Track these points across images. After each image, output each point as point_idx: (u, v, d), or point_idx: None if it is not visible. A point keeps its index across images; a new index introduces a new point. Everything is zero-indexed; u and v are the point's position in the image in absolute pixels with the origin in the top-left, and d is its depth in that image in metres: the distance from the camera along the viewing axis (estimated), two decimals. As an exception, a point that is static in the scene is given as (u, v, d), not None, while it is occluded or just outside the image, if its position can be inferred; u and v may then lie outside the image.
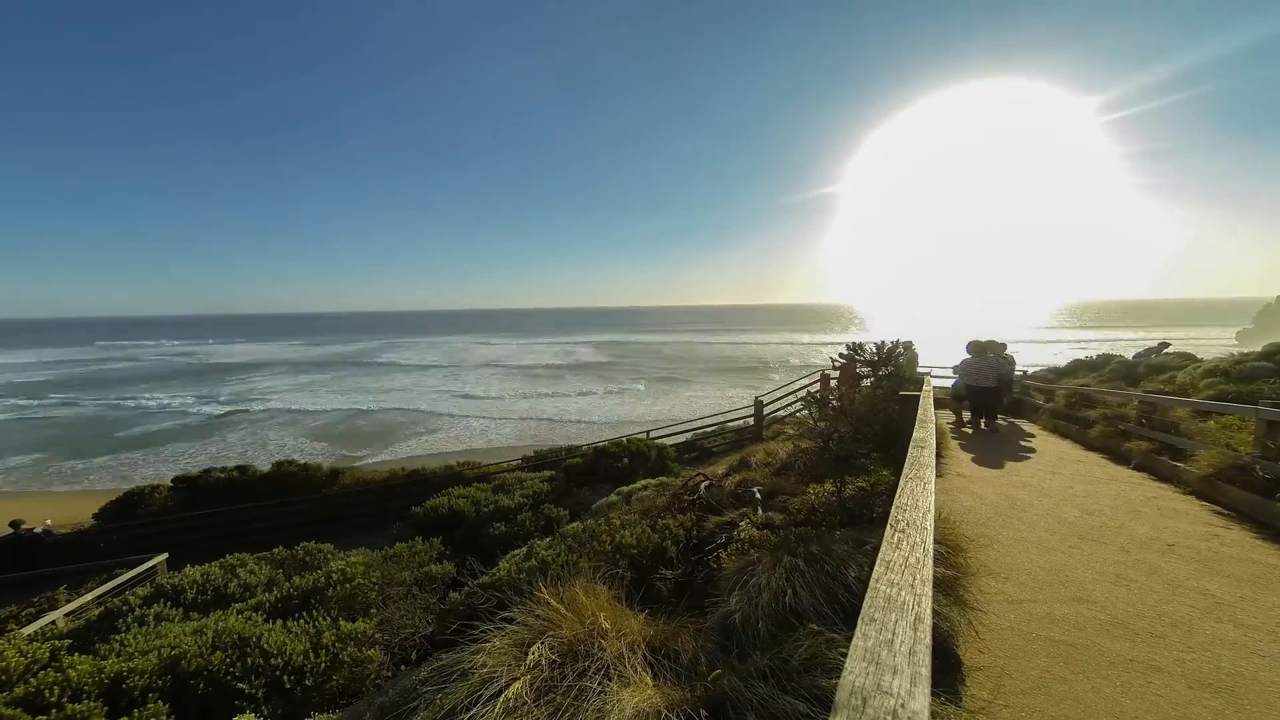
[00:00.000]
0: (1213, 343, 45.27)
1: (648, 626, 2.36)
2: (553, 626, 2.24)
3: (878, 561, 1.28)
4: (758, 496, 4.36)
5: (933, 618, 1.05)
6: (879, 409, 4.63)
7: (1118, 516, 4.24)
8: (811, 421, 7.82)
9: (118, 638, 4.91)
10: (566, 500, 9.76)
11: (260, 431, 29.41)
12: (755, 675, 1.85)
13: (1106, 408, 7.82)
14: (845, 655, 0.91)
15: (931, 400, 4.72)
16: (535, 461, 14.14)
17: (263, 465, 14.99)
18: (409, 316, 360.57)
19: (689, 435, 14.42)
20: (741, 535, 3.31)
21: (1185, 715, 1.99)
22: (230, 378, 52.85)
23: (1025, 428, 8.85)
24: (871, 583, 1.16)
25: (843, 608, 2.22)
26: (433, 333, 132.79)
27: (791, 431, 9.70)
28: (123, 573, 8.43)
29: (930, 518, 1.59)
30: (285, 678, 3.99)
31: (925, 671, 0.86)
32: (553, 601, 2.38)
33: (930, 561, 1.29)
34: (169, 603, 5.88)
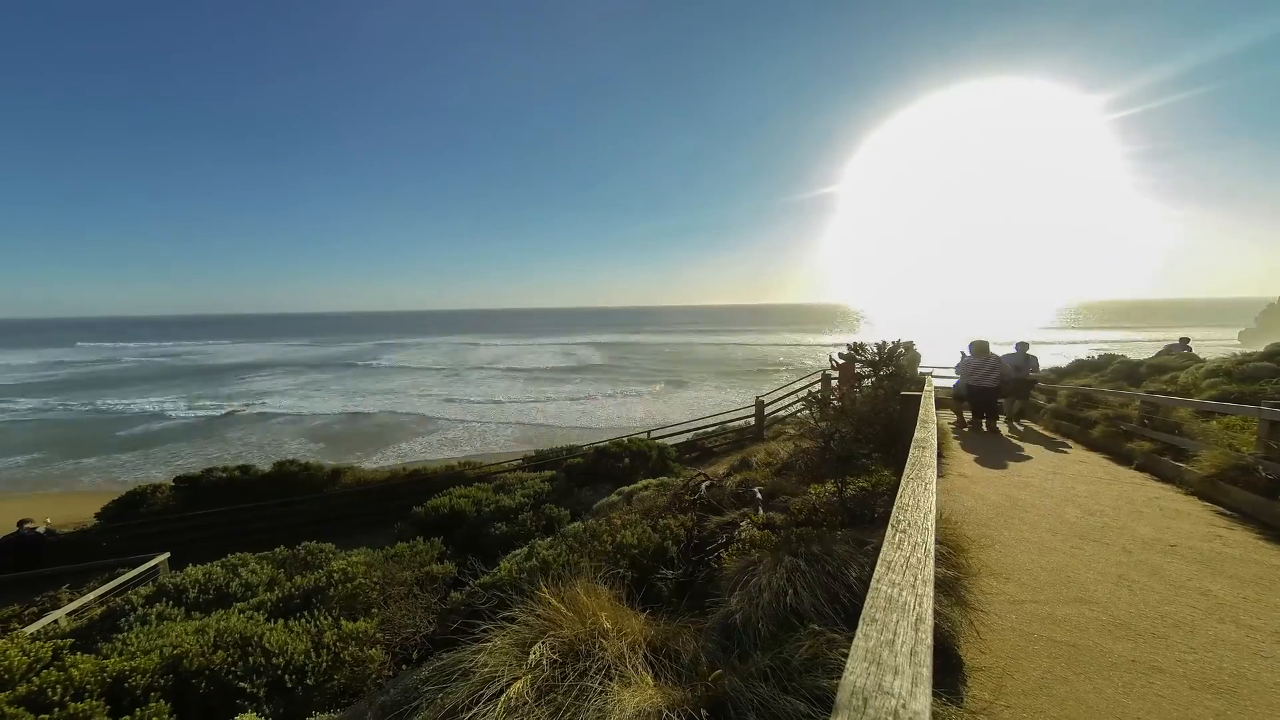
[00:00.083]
0: (1215, 343, 45.14)
1: (649, 626, 2.36)
2: (554, 626, 2.24)
3: (879, 562, 1.28)
4: (759, 496, 4.35)
5: (934, 618, 1.05)
6: (880, 409, 4.63)
7: (1120, 517, 4.23)
8: (813, 421, 7.82)
9: (120, 637, 4.92)
10: (567, 500, 9.76)
11: (249, 437, 28.98)
12: (756, 675, 1.85)
13: (1109, 408, 7.81)
14: (846, 655, 0.91)
15: (933, 400, 4.71)
16: (536, 461, 14.14)
17: (264, 465, 15.02)
18: (409, 316, 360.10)
19: (690, 435, 14.41)
20: (742, 535, 3.31)
21: (1187, 716, 1.98)
22: (227, 378, 52.31)
23: (1028, 428, 8.84)
24: (873, 583, 1.16)
25: (844, 608, 2.22)
26: (433, 333, 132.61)
27: (792, 431, 9.69)
28: (125, 572, 8.45)
29: (932, 518, 1.58)
30: (287, 677, 3.99)
31: (926, 672, 0.86)
32: (554, 601, 2.38)
33: (931, 562, 1.28)
34: (171, 602, 5.89)
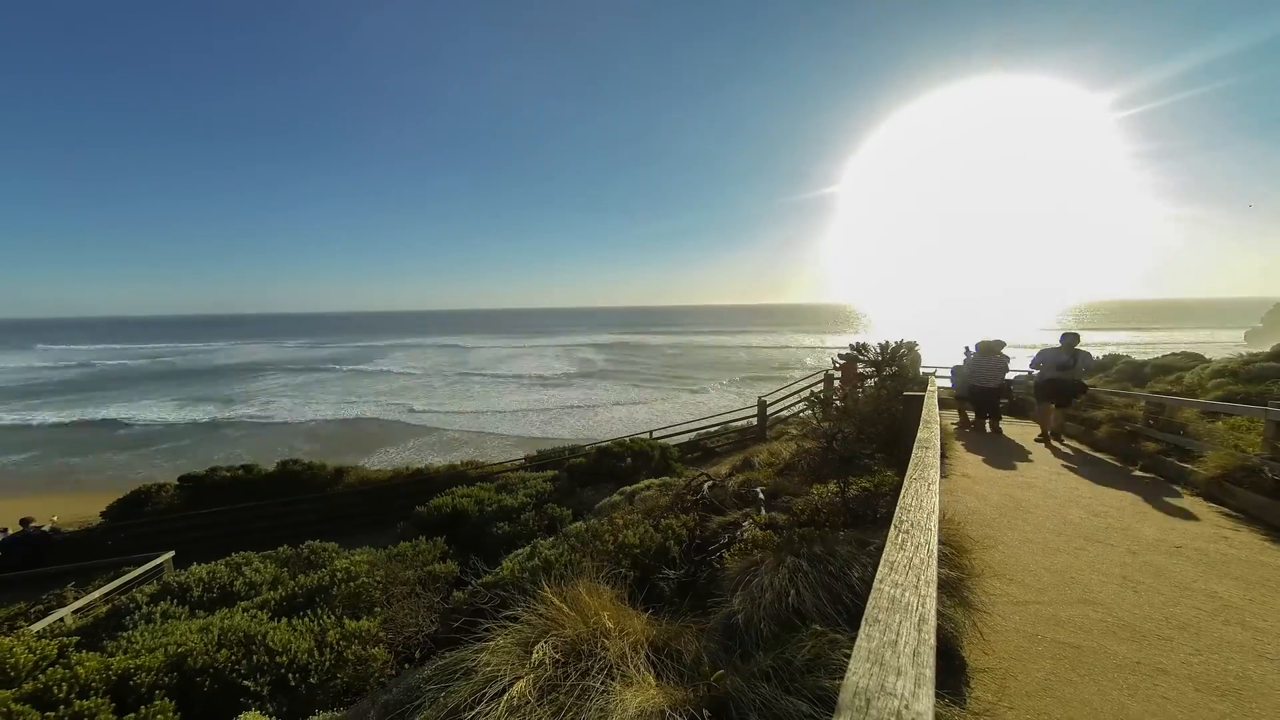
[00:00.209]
0: (1221, 343, 44.92)
1: (651, 626, 2.36)
2: (556, 626, 2.24)
3: (881, 562, 1.27)
4: (761, 497, 4.35)
5: (937, 619, 1.05)
6: (883, 409, 4.61)
7: (1124, 518, 4.21)
8: (815, 422, 7.80)
9: (125, 635, 4.95)
10: (569, 500, 9.76)
11: (233, 445, 27.83)
12: (758, 675, 1.85)
13: (1113, 408, 7.77)
14: (849, 656, 0.91)
15: (936, 401, 4.70)
16: (538, 461, 14.16)
17: (267, 465, 15.08)
18: (409, 316, 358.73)
19: (692, 435, 14.40)
20: (745, 535, 3.31)
21: (1192, 719, 1.97)
22: (196, 384, 50.24)
23: (1031, 429, 8.81)
24: (875, 583, 1.15)
25: (846, 609, 2.22)
26: (433, 333, 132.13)
27: (795, 432, 9.68)
28: (129, 570, 8.50)
29: (934, 519, 1.58)
30: (290, 675, 4.01)
31: (929, 673, 0.86)
32: (556, 601, 2.38)
33: (934, 562, 1.28)
34: (175, 600, 5.93)
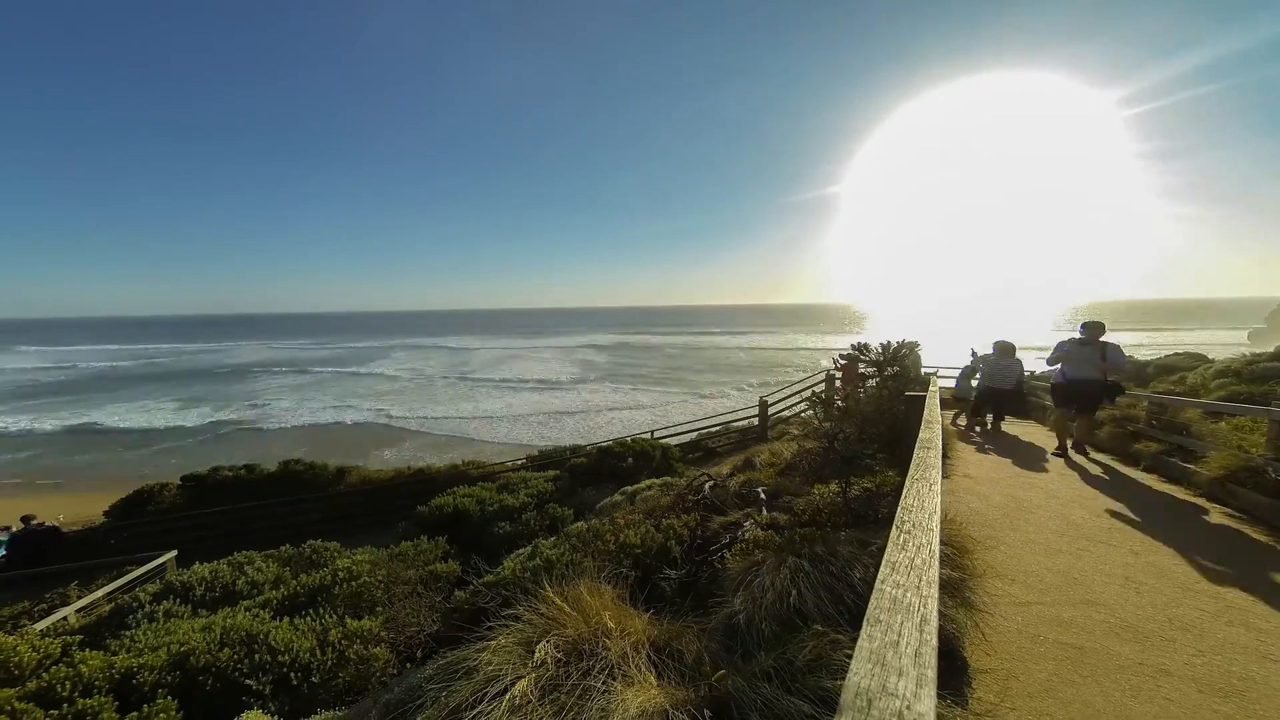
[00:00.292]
0: (1224, 343, 44.73)
1: (652, 626, 2.36)
2: (557, 625, 2.24)
3: (883, 563, 1.27)
4: (762, 497, 4.35)
5: (939, 620, 1.04)
6: (884, 409, 4.61)
7: (1127, 519, 4.19)
8: (816, 422, 7.80)
9: (128, 634, 4.97)
10: (571, 500, 9.77)
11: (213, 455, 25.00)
12: (760, 676, 1.85)
13: (1115, 409, 7.74)
14: (850, 656, 0.91)
15: (937, 401, 4.69)
16: (540, 461, 14.17)
17: (269, 464, 15.12)
18: (409, 316, 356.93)
19: (693, 435, 14.40)
20: (746, 536, 3.30)
21: (1195, 720, 1.97)
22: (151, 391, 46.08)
23: (1033, 429, 8.79)
24: (877, 584, 1.15)
25: (848, 609, 2.22)
26: (434, 334, 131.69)
27: (796, 432, 9.67)
28: (133, 569, 8.53)
29: (936, 519, 1.57)
30: (292, 674, 4.02)
31: (931, 673, 0.85)
32: (557, 600, 2.39)
33: (936, 563, 1.28)
34: (178, 599, 5.94)
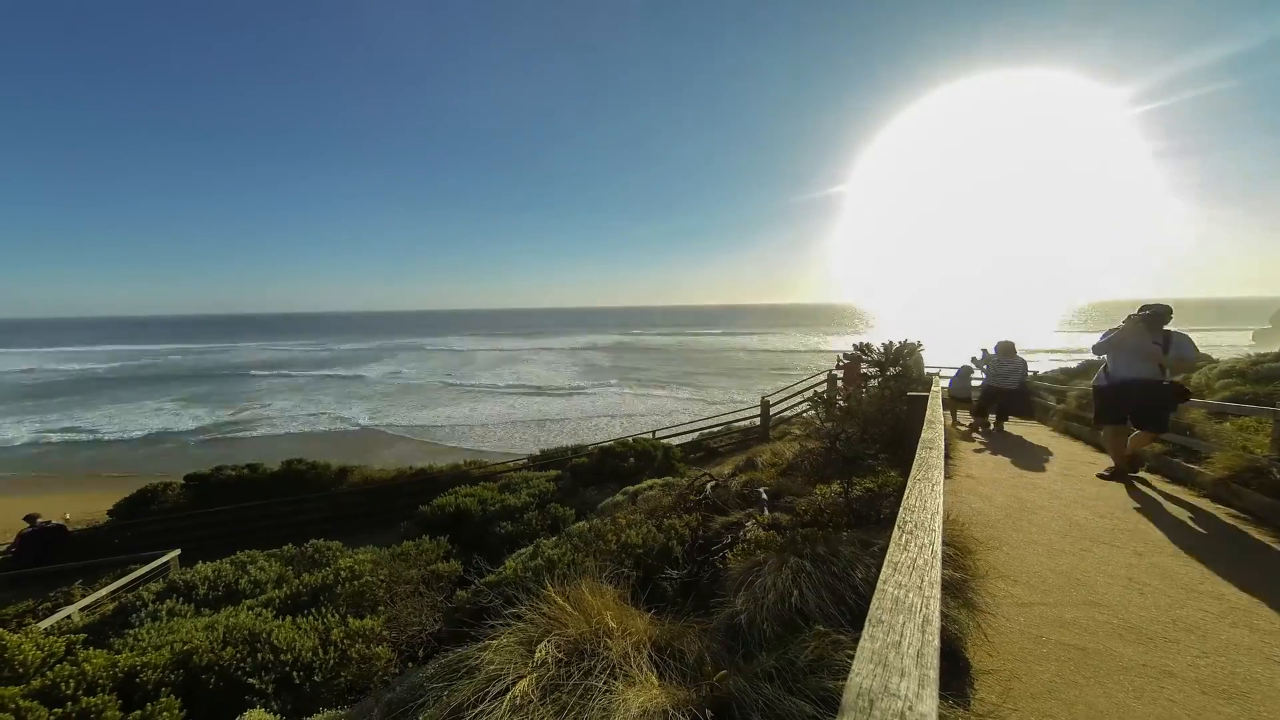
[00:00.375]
0: (1229, 343, 44.50)
1: (653, 626, 2.36)
2: (559, 625, 2.25)
3: (885, 563, 1.27)
4: (764, 497, 4.34)
5: (941, 620, 1.04)
6: (886, 409, 4.60)
7: (1130, 519, 4.18)
8: (818, 422, 7.79)
9: (131, 632, 4.99)
10: (572, 499, 9.77)
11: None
12: (761, 676, 1.84)
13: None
14: (852, 657, 0.91)
15: (940, 401, 4.68)
16: (541, 461, 14.19)
17: (272, 464, 15.16)
18: (410, 316, 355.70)
19: (695, 435, 14.40)
20: (748, 536, 3.30)
21: (1199, 721, 1.96)
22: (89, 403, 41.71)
23: (1036, 429, 8.77)
24: (879, 584, 1.15)
25: (849, 609, 2.21)
26: (433, 335, 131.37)
27: (798, 432, 9.67)
28: (136, 568, 8.56)
29: (938, 519, 1.57)
30: (294, 673, 4.03)
31: (933, 674, 0.85)
32: (559, 600, 2.39)
33: (938, 563, 1.27)
34: (181, 598, 5.97)
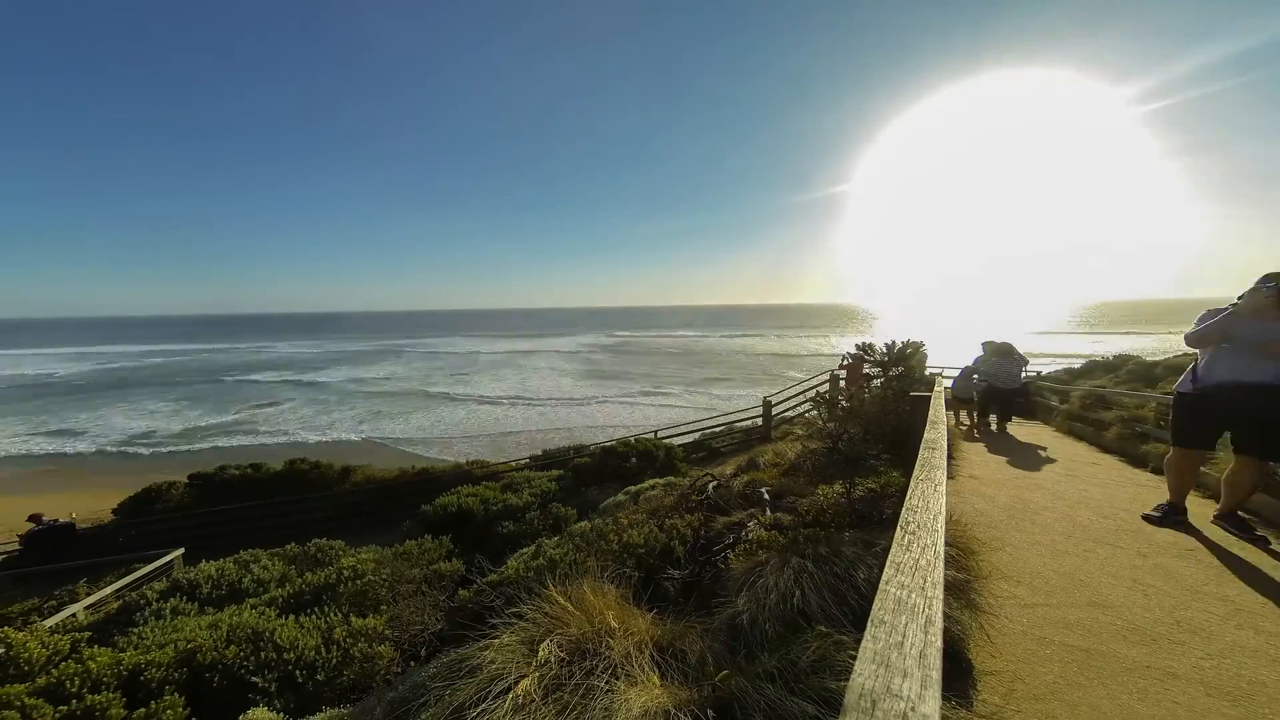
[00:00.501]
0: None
1: (655, 626, 2.36)
2: (561, 624, 2.25)
3: (887, 564, 1.26)
4: (766, 497, 4.34)
5: (943, 621, 1.04)
6: (889, 410, 4.59)
7: (1134, 520, 4.16)
8: (820, 422, 7.78)
9: (135, 631, 5.02)
10: (574, 499, 9.78)
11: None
12: (763, 676, 1.84)
13: (1123, 409, 7.68)
14: (854, 657, 0.91)
15: (943, 401, 4.66)
16: (543, 461, 14.21)
17: (275, 463, 15.22)
18: (409, 316, 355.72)
19: (697, 435, 14.40)
20: (749, 536, 3.30)
21: (1203, 723, 1.95)
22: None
23: (1039, 430, 8.74)
24: (881, 585, 1.15)
25: (852, 610, 2.21)
26: (434, 334, 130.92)
27: (800, 432, 9.65)
28: (140, 567, 8.61)
29: (941, 520, 1.56)
30: (297, 672, 4.04)
31: (936, 675, 0.85)
32: (561, 600, 2.39)
33: (941, 564, 1.27)
34: (185, 597, 5.99)
